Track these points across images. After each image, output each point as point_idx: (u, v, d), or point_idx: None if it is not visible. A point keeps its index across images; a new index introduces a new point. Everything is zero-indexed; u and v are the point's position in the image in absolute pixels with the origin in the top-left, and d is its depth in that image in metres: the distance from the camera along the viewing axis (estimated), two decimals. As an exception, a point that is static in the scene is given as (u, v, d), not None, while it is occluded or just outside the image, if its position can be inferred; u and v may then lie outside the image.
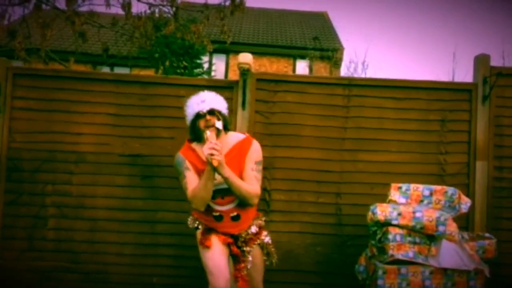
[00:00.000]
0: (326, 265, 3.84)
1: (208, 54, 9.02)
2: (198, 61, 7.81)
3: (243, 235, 2.87)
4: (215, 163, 2.56)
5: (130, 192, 3.84)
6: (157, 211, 3.84)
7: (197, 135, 2.79)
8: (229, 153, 2.75)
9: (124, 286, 3.79)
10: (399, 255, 3.04)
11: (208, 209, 2.80)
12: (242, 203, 2.75)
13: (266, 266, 3.08)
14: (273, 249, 3.01)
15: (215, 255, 2.76)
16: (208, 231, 2.84)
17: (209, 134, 2.66)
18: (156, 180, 3.86)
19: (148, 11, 5.38)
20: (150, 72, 7.89)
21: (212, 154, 2.54)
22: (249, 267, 2.86)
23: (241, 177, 2.73)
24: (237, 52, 4.37)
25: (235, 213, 2.80)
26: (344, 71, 16.52)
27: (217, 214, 2.81)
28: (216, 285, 2.67)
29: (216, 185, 2.69)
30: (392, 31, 36.84)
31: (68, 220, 3.79)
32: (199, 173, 2.73)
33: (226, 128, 2.82)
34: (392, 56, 34.40)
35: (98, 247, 3.79)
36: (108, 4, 4.90)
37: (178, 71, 7.40)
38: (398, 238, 3.07)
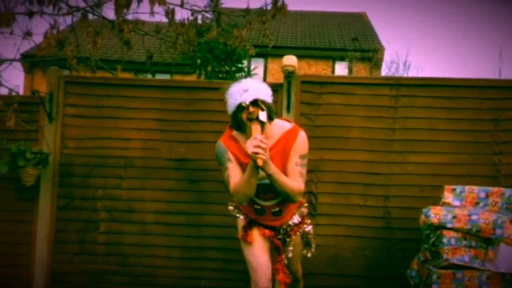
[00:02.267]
0: (375, 269, 3.76)
1: (247, 58, 9.09)
2: (240, 65, 7.86)
3: (284, 227, 2.81)
4: (259, 163, 2.38)
5: (177, 196, 3.89)
6: (203, 214, 3.87)
7: (239, 126, 2.61)
8: (274, 146, 2.58)
9: (172, 289, 3.83)
10: (454, 259, 2.94)
11: (250, 202, 2.67)
12: (285, 200, 2.64)
13: (313, 270, 3.05)
14: (312, 239, 2.93)
15: (258, 252, 2.72)
16: (249, 224, 2.79)
17: (254, 128, 2.45)
18: (202, 184, 3.89)
19: (191, 18, 5.44)
20: (192, 78, 8.02)
21: (257, 153, 2.35)
22: (290, 256, 2.81)
23: (284, 170, 2.58)
24: (275, 56, 4.37)
25: (277, 209, 2.71)
26: (384, 72, 16.27)
27: (259, 207, 2.72)
28: (260, 284, 2.64)
29: (258, 179, 2.53)
30: (434, 30, 35.99)
31: (118, 224, 3.87)
32: (242, 164, 2.61)
33: (271, 117, 2.58)
34: (434, 56, 33.61)
35: (147, 250, 3.85)
36: (152, 12, 4.98)
37: (220, 75, 7.47)
38: (453, 241, 2.97)
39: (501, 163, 3.73)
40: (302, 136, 2.65)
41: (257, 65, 12.85)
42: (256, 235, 2.77)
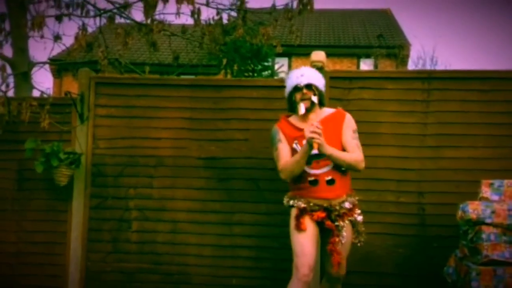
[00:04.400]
0: (410, 267, 3.68)
1: (272, 57, 9.07)
2: (266, 63, 7.84)
3: (337, 208, 2.86)
4: (315, 146, 2.70)
5: (208, 194, 3.89)
6: (234, 213, 3.86)
7: (292, 107, 2.98)
8: (323, 120, 2.88)
9: (205, 287, 3.83)
10: (494, 255, 2.85)
11: (303, 176, 2.87)
12: (336, 166, 2.85)
13: (347, 268, 3.01)
14: (363, 228, 2.97)
15: (305, 240, 2.82)
16: (302, 213, 2.86)
17: (303, 104, 2.87)
18: (233, 182, 3.88)
19: (217, 17, 5.47)
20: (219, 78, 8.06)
21: (313, 138, 2.67)
22: (343, 242, 2.85)
23: (339, 145, 2.88)
24: (299, 55, 4.33)
25: (330, 177, 2.86)
26: (411, 68, 16.01)
27: (312, 179, 2.87)
28: (300, 269, 2.75)
29: (313, 152, 2.78)
30: (461, 24, 35.31)
31: (150, 223, 3.90)
32: (292, 140, 2.92)
33: (322, 103, 2.99)
34: (462, 51, 32.96)
35: (179, 248, 3.87)
36: (178, 13, 5.02)
37: (246, 74, 7.47)
38: (492, 237, 2.88)
39: (539, 156, 3.62)
40: (349, 115, 3.02)
41: (281, 64, 12.83)
42: (308, 224, 2.85)
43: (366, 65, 15.21)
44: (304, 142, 2.79)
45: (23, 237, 3.96)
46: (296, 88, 2.93)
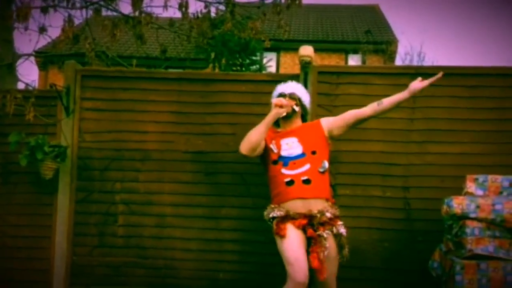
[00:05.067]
0: (395, 261, 3.72)
1: (261, 52, 9.04)
2: (254, 58, 7.83)
3: (318, 215, 2.85)
4: (276, 110, 2.93)
5: (195, 188, 3.88)
6: (221, 207, 3.86)
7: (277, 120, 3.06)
8: (301, 126, 3.09)
9: (191, 281, 3.83)
10: (479, 249, 2.89)
11: (280, 179, 2.93)
12: (313, 167, 2.91)
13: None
14: (346, 242, 2.96)
15: (293, 246, 2.78)
16: (283, 220, 2.86)
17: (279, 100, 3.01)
18: (220, 176, 3.87)
19: (205, 10, 5.43)
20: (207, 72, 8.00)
21: (276, 105, 2.93)
22: (325, 253, 2.81)
23: (323, 144, 3.03)
24: (288, 50, 4.33)
25: (305, 177, 2.88)
26: (398, 64, 16.09)
27: (289, 179, 2.90)
28: (297, 278, 2.68)
29: (288, 149, 2.93)
30: (448, 20, 35.56)
31: (136, 217, 3.88)
32: (270, 140, 3.03)
33: (304, 118, 3.15)
34: (449, 47, 33.22)
35: (166, 242, 3.85)
36: (166, 6, 4.99)
37: (234, 68, 7.45)
38: (476, 231, 2.91)
39: (524, 152, 3.66)
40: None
41: (270, 59, 12.80)
42: (291, 229, 2.84)
43: (354, 60, 15.26)
44: (281, 142, 2.99)
45: (8, 231, 3.91)
46: (280, 96, 3.05)
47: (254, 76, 4.61)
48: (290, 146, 2.95)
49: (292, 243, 2.79)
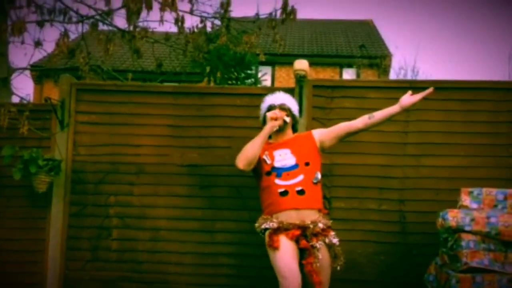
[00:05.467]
0: (391, 274, 3.70)
1: (256, 66, 9.09)
2: (249, 71, 7.86)
3: (311, 226, 2.84)
4: (273, 118, 2.97)
5: (190, 202, 3.86)
6: (216, 220, 3.84)
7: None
8: (293, 137, 3.10)
9: (186, 296, 3.79)
10: (474, 262, 2.88)
11: (273, 189, 2.92)
12: (306, 178, 2.91)
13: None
14: (340, 251, 2.95)
15: (286, 258, 2.76)
16: (276, 232, 2.84)
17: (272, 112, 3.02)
18: (215, 189, 3.86)
19: (200, 25, 5.47)
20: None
21: (272, 118, 2.96)
22: (318, 264, 2.79)
23: (315, 155, 3.04)
24: (283, 64, 4.37)
25: (300, 187, 2.88)
26: (393, 78, 16.21)
27: (283, 190, 2.90)
28: None
29: (281, 161, 2.95)
30: (442, 35, 35.96)
31: (130, 231, 3.85)
32: (263, 152, 3.01)
33: (294, 128, 3.16)
34: (443, 62, 33.53)
35: (160, 256, 3.82)
36: (162, 20, 5.02)
37: (230, 82, 7.48)
38: (471, 245, 2.91)
39: (517, 165, 3.68)
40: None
41: (265, 73, 12.87)
42: (283, 241, 2.81)
43: (348, 74, 15.37)
44: (274, 153, 2.99)
45: (0, 245, 3.86)
46: (270, 108, 3.07)
47: (249, 89, 4.62)
48: (284, 158, 2.95)
49: (285, 255, 2.77)
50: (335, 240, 2.94)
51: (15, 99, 5.65)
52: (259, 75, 9.31)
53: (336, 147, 3.71)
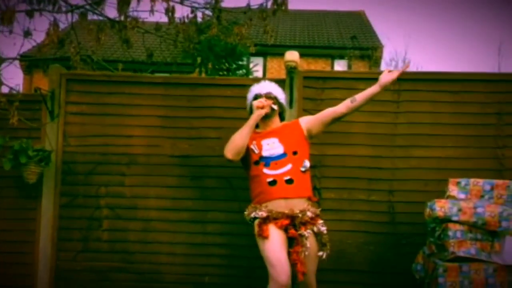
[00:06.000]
0: (380, 264, 3.75)
1: (247, 56, 9.07)
2: (241, 62, 7.85)
3: (299, 215, 2.87)
4: (259, 107, 2.98)
5: (181, 192, 3.87)
6: (207, 211, 3.86)
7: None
8: (281, 126, 3.10)
9: (177, 286, 3.81)
10: (461, 252, 2.94)
11: (262, 179, 2.93)
12: (295, 167, 2.92)
13: (318, 266, 3.04)
14: (327, 239, 2.97)
15: (275, 247, 2.78)
16: (265, 220, 2.87)
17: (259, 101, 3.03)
18: (206, 180, 3.88)
19: (191, 15, 5.44)
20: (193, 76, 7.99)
21: (258, 106, 2.98)
22: (306, 253, 2.83)
23: (303, 144, 3.04)
24: (274, 55, 4.37)
25: (288, 177, 2.89)
26: (384, 69, 16.26)
27: (271, 179, 2.91)
28: (280, 280, 2.68)
29: (269, 150, 2.95)
30: (432, 27, 36.05)
31: (121, 221, 3.86)
32: (250, 141, 3.02)
33: (282, 116, 3.16)
34: (433, 53, 33.65)
35: (151, 247, 3.84)
36: (152, 10, 4.98)
37: (221, 73, 7.46)
38: (458, 234, 2.96)
39: (505, 156, 3.73)
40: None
41: (256, 64, 12.84)
42: (273, 230, 2.83)
43: (340, 66, 15.37)
44: (262, 142, 3.00)
45: (-10, 236, 3.86)
46: (256, 97, 3.08)
47: (240, 80, 4.63)
48: (271, 147, 2.96)
49: (274, 245, 2.79)
50: (323, 229, 2.96)
51: (4, 90, 5.60)
52: (251, 66, 9.30)
53: (326, 138, 3.76)
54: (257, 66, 9.97)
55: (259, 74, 14.83)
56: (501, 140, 3.74)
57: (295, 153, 2.97)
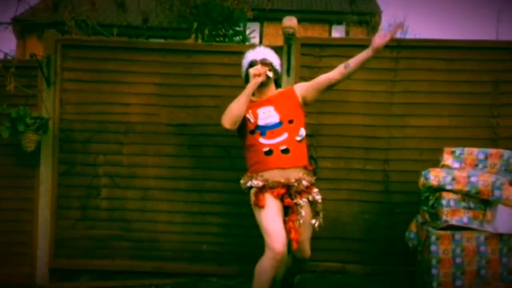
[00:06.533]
0: (374, 232, 3.82)
1: (244, 22, 8.88)
2: (237, 28, 7.72)
3: (295, 184, 2.90)
4: (254, 80, 2.94)
5: (178, 161, 3.89)
6: (205, 180, 3.88)
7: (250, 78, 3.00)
8: (276, 93, 3.08)
9: (175, 253, 3.89)
10: (453, 220, 2.99)
11: (258, 148, 2.94)
12: (291, 136, 2.93)
13: (313, 234, 3.10)
14: (321, 208, 3.02)
15: (272, 216, 2.82)
16: (261, 190, 2.90)
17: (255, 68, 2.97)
18: (203, 149, 3.89)
19: (188, -22, 5.33)
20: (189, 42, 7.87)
21: (255, 74, 2.93)
22: (301, 221, 2.88)
23: (298, 111, 3.02)
24: (271, 20, 4.28)
25: (284, 146, 2.90)
26: (382, 36, 16.04)
27: (267, 149, 2.92)
28: (275, 248, 2.73)
29: (265, 119, 2.94)
30: (430, -8, 35.42)
31: (119, 190, 3.89)
32: (246, 110, 2.99)
33: (277, 83, 3.11)
34: (432, 20, 33.17)
35: (149, 215, 3.89)
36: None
37: (218, 39, 7.35)
38: (452, 203, 3.01)
39: (499, 126, 3.75)
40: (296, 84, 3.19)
41: (253, 30, 12.65)
42: (269, 199, 2.87)
43: (337, 31, 15.16)
44: (258, 111, 2.99)
45: (-11, 203, 3.89)
46: (252, 64, 3.01)
47: (238, 47, 4.55)
48: (267, 115, 2.95)
49: (270, 213, 2.83)
50: (318, 197, 3.00)
51: (-1, 56, 5.53)
52: (247, 32, 9.14)
53: (323, 107, 3.77)
54: (254, 32, 9.81)
55: (256, 40, 14.63)
56: (496, 109, 3.75)
57: (291, 121, 2.96)
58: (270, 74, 3.02)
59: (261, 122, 2.97)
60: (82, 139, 3.89)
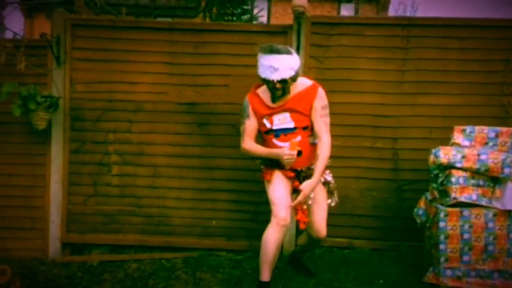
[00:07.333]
0: (382, 209, 3.85)
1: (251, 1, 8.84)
2: (246, 7, 7.66)
3: (304, 170, 2.96)
4: (287, 167, 2.92)
5: (188, 139, 3.92)
6: (214, 157, 3.92)
7: (266, 83, 2.90)
8: (295, 96, 2.92)
9: (185, 229, 3.95)
10: (462, 197, 3.01)
11: (272, 147, 2.95)
12: (304, 139, 2.92)
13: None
14: (335, 188, 3.09)
15: (278, 188, 2.94)
16: (272, 166, 2.98)
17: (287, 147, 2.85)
18: (212, 127, 3.91)
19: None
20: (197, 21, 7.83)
21: (288, 159, 2.84)
22: (309, 202, 2.92)
23: (304, 111, 2.90)
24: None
25: (298, 148, 2.88)
26: (392, 14, 15.88)
27: None
28: (278, 214, 2.85)
29: (280, 125, 2.92)
30: (441, -30, 34.75)
31: (130, 167, 3.94)
32: (262, 117, 2.96)
33: (295, 80, 2.88)
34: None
35: (159, 192, 3.94)
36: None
37: (226, 18, 7.31)
38: (461, 181, 3.03)
39: (510, 104, 3.73)
40: (321, 91, 2.96)
41: (261, 8, 12.54)
42: (278, 175, 2.97)
43: (346, 10, 14.98)
44: (274, 117, 2.93)
45: (2, 180, 3.95)
46: (268, 83, 2.86)
47: (246, 26, 4.55)
48: (282, 122, 2.92)
49: (278, 186, 2.94)
50: (330, 178, 3.07)
51: (7, 35, 5.54)
52: (255, 11, 9.07)
53: (333, 85, 3.76)
54: (262, 11, 9.72)
55: (264, 19, 14.51)
56: (507, 87, 3.73)
57: (305, 128, 2.95)
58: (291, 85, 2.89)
59: (276, 127, 2.96)
60: (92, 118, 3.92)
